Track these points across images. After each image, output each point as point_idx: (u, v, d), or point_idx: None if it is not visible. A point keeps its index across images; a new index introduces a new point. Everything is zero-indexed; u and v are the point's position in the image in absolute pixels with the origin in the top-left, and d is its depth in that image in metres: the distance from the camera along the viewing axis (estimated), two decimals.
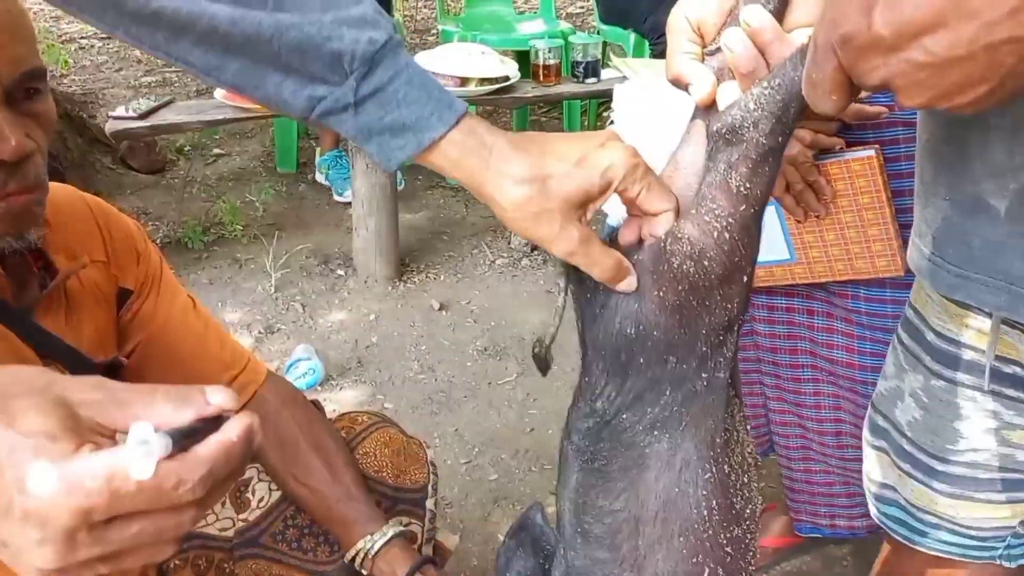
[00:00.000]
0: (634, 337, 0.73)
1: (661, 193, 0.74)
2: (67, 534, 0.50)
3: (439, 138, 0.73)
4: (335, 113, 0.73)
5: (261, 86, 0.73)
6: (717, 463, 0.76)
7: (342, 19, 0.71)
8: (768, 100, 0.69)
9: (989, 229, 0.77)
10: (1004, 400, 0.90)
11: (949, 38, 0.52)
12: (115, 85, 5.40)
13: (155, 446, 0.50)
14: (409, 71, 0.73)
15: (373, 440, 1.32)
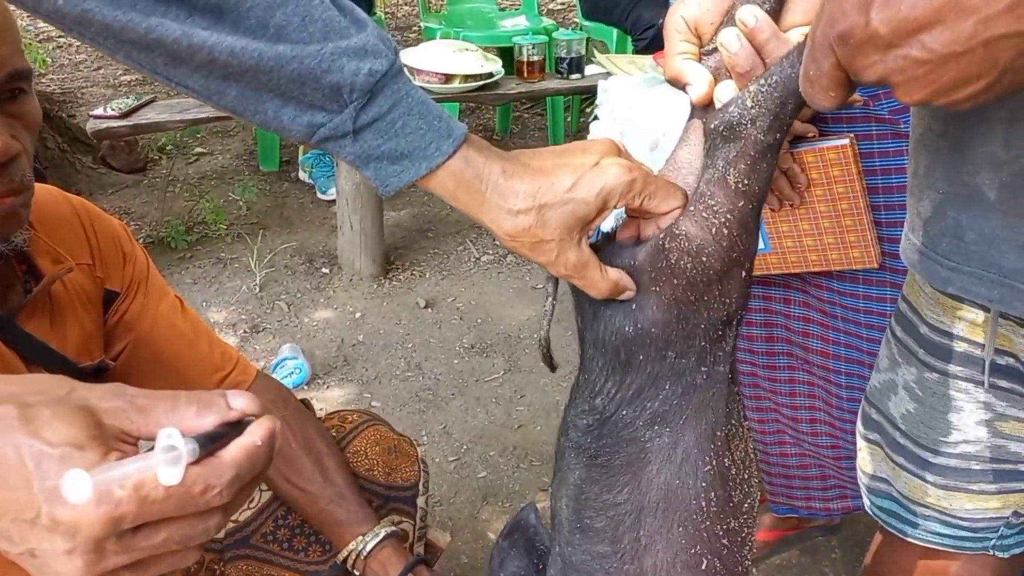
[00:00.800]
0: (633, 334, 0.73)
1: (667, 194, 0.74)
2: (96, 543, 0.50)
3: (436, 167, 0.73)
4: (334, 139, 0.73)
5: (260, 111, 0.73)
6: (718, 456, 0.76)
7: (342, 50, 0.70)
8: (766, 97, 0.69)
9: (983, 222, 0.77)
10: (997, 391, 0.91)
11: (947, 34, 0.52)
12: (94, 84, 5.36)
13: (183, 452, 0.50)
14: (409, 100, 0.73)
15: (363, 439, 1.32)
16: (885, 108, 1.30)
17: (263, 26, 0.69)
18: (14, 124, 0.91)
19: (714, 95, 0.75)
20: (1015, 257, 0.75)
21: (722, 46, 0.73)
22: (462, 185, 0.73)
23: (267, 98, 0.72)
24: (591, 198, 0.72)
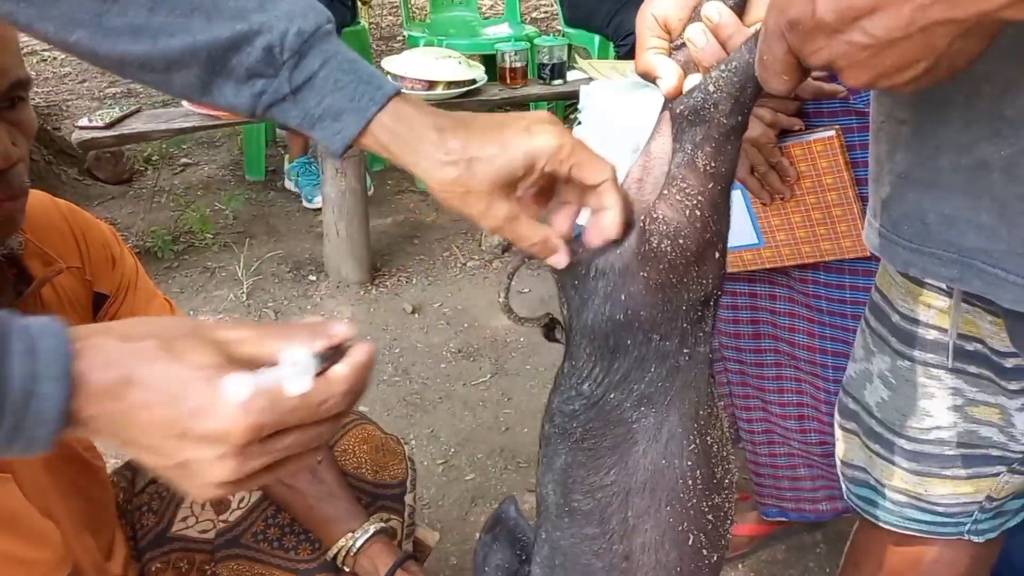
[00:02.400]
0: (623, 320, 0.76)
1: (594, 164, 0.77)
2: (240, 449, 0.58)
3: (371, 119, 0.77)
4: (277, 104, 0.78)
5: (208, 92, 0.78)
6: (701, 435, 0.79)
7: (272, 14, 0.75)
8: (726, 82, 0.73)
9: (943, 204, 0.80)
10: (967, 377, 0.93)
11: (886, 21, 0.55)
12: (79, 96, 5.35)
13: (308, 365, 0.59)
14: (338, 58, 0.78)
15: (351, 437, 1.33)
16: (863, 101, 1.33)
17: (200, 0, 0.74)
18: (13, 131, 0.93)
19: (683, 88, 0.78)
20: (974, 236, 0.78)
21: (689, 41, 0.77)
22: (396, 138, 0.77)
23: (209, 79, 0.77)
24: (519, 155, 0.75)
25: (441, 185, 0.77)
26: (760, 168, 1.37)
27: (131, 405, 0.57)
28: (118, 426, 0.58)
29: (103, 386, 0.57)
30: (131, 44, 0.75)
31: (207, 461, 0.58)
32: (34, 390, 0.55)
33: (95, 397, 0.57)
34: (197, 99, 0.79)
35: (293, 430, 0.60)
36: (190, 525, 1.26)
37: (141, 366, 0.58)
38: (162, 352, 0.58)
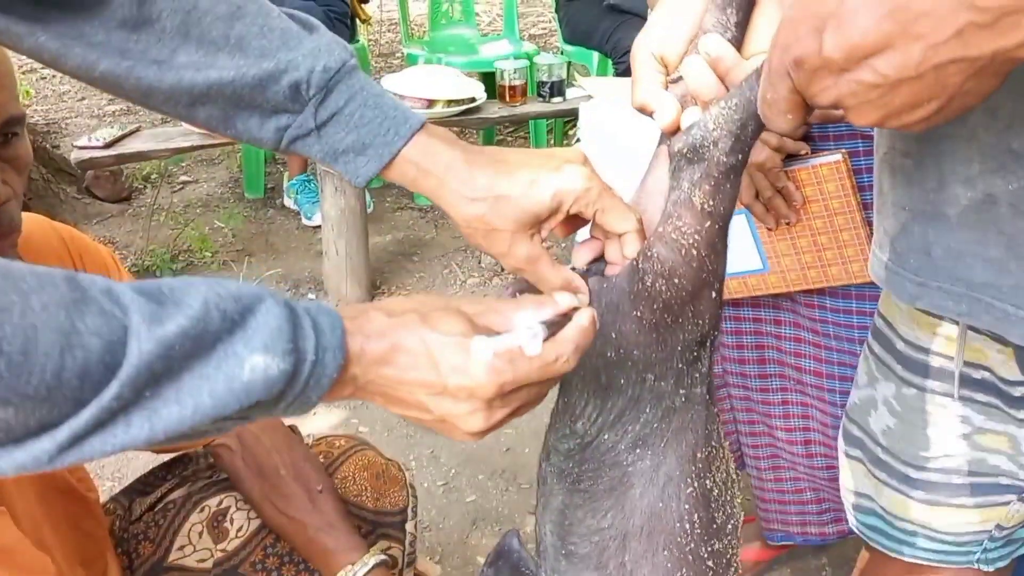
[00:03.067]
0: (615, 359, 0.74)
1: (620, 212, 0.77)
2: (488, 403, 0.67)
3: (397, 153, 0.78)
4: (301, 139, 0.79)
5: (231, 125, 0.79)
6: (699, 478, 0.77)
7: (298, 52, 0.77)
8: (726, 119, 0.71)
9: (949, 237, 0.78)
10: (974, 405, 0.92)
11: (897, 59, 0.54)
12: (78, 114, 5.35)
13: (539, 330, 0.67)
14: (364, 93, 0.79)
15: (351, 464, 1.32)
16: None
17: (225, 37, 0.76)
18: (5, 168, 0.92)
19: (681, 122, 0.77)
20: (982, 271, 0.77)
21: (687, 75, 0.75)
22: (421, 170, 0.79)
23: (235, 111, 0.78)
24: (546, 196, 0.76)
25: (466, 221, 0.77)
26: (765, 193, 1.36)
27: (401, 368, 0.66)
28: (390, 387, 0.67)
29: (378, 354, 0.66)
30: (157, 79, 0.75)
31: (462, 414, 0.67)
32: (318, 359, 0.62)
33: (372, 363, 0.66)
34: (220, 132, 0.80)
35: (528, 385, 0.68)
36: (187, 554, 1.25)
37: (406, 336, 0.66)
38: (421, 322, 0.67)
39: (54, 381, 0.52)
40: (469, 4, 4.95)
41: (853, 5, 0.54)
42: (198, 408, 0.57)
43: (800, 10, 0.58)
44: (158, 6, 0.75)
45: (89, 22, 0.74)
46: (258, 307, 0.61)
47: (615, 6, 4.00)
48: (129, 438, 0.56)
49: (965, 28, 0.51)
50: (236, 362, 0.58)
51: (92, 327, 0.53)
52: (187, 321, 0.57)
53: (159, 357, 0.55)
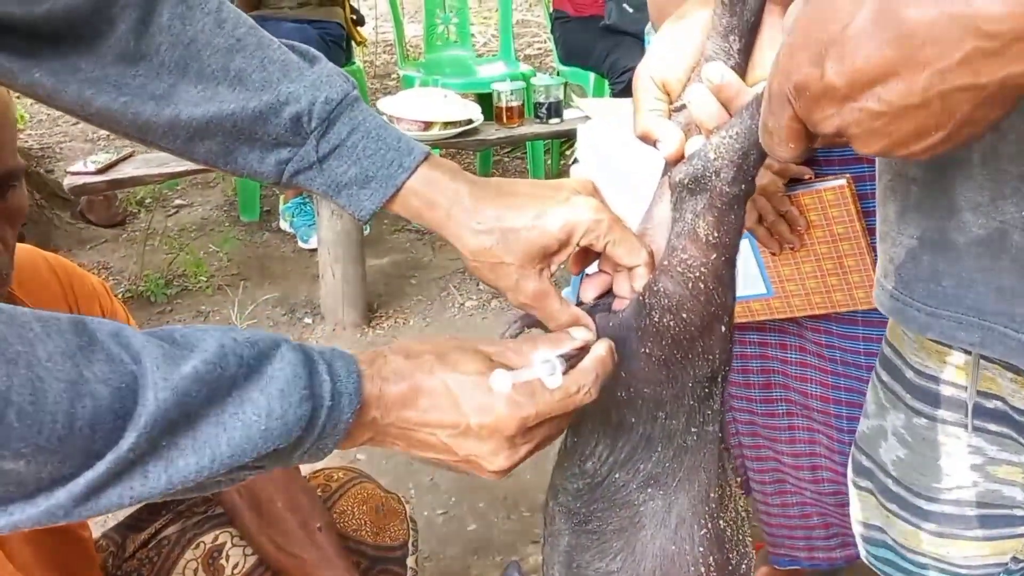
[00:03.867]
0: (624, 396, 0.72)
1: (630, 245, 0.75)
2: (511, 440, 0.67)
3: (402, 185, 0.77)
4: (303, 172, 0.77)
5: (231, 160, 0.77)
6: (713, 518, 0.75)
7: (299, 84, 0.75)
8: (727, 149, 0.69)
9: (959, 266, 0.77)
10: (987, 435, 0.90)
11: (902, 87, 0.52)
12: (72, 139, 5.35)
13: (557, 363, 0.67)
14: (366, 125, 0.77)
15: (350, 497, 1.30)
16: None
17: (224, 70, 0.75)
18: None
19: (685, 151, 0.75)
20: (994, 299, 0.75)
21: (690, 103, 0.73)
22: (427, 202, 0.77)
23: (235, 146, 0.76)
24: (555, 229, 0.74)
25: (473, 254, 0.76)
26: (769, 217, 1.34)
27: (422, 410, 0.66)
28: (411, 430, 0.67)
29: (397, 396, 0.66)
30: (155, 114, 0.74)
31: (486, 453, 0.67)
32: (335, 404, 0.62)
33: (392, 406, 0.66)
34: (220, 167, 0.78)
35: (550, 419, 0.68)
36: None
37: (425, 377, 0.66)
38: (439, 363, 0.67)
39: (66, 431, 0.51)
40: (465, 25, 4.96)
41: (855, 31, 0.53)
42: (216, 457, 0.56)
43: (801, 36, 0.56)
44: (156, 40, 0.74)
45: (85, 57, 0.73)
46: (274, 353, 0.60)
47: (611, 26, 4.02)
48: (146, 490, 0.55)
49: (972, 55, 0.49)
50: (253, 409, 0.57)
51: (100, 375, 0.53)
52: (203, 367, 0.56)
53: (175, 405, 0.54)
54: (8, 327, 0.51)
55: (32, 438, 0.50)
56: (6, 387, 0.49)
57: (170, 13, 0.74)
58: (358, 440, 0.66)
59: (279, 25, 3.61)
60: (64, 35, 0.72)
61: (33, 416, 0.49)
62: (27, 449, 0.50)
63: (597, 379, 0.69)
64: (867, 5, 0.52)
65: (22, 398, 0.49)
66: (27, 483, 0.52)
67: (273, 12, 3.85)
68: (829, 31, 0.54)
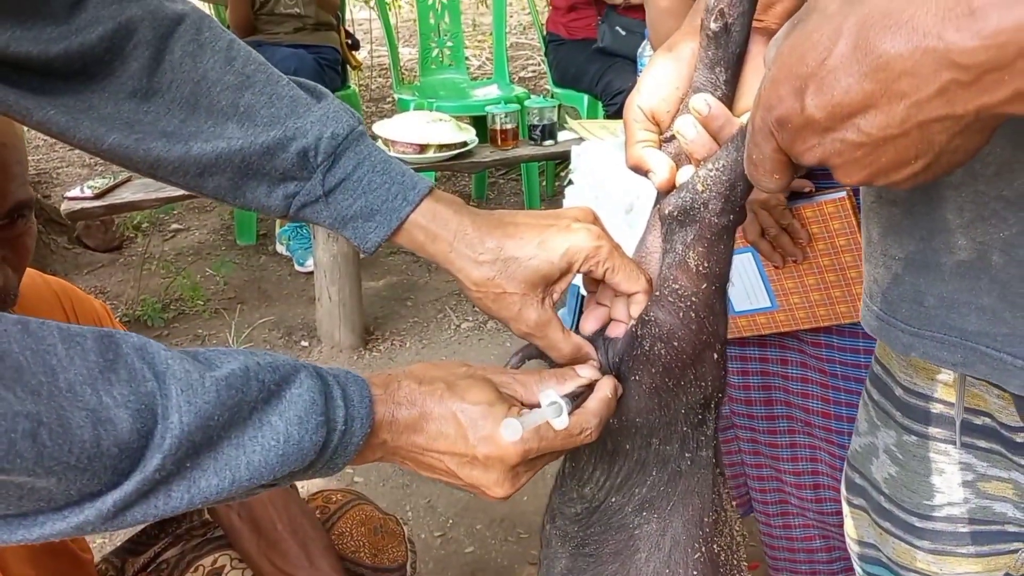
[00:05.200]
0: (618, 425, 0.74)
1: (629, 272, 0.77)
2: (514, 471, 0.70)
3: (406, 218, 0.78)
4: (310, 205, 0.79)
5: (240, 195, 0.79)
6: (706, 542, 0.76)
7: (306, 119, 0.77)
8: (715, 181, 0.71)
9: (941, 286, 0.78)
10: (976, 452, 0.91)
11: (880, 118, 0.53)
12: (69, 164, 5.36)
13: (564, 405, 0.70)
14: (372, 159, 0.79)
15: (349, 519, 1.30)
16: None
17: (234, 106, 0.77)
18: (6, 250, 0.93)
19: (676, 180, 0.76)
20: (976, 320, 0.76)
21: (679, 134, 0.75)
22: (430, 235, 0.79)
23: (242, 181, 0.78)
24: (556, 257, 0.76)
25: (476, 285, 0.77)
26: (771, 230, 1.35)
27: (430, 436, 0.69)
28: (419, 454, 0.70)
29: (407, 421, 0.69)
30: (166, 150, 0.76)
31: (488, 482, 0.70)
32: (347, 428, 0.64)
33: (402, 431, 0.69)
34: (229, 201, 0.80)
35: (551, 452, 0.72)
36: None
37: (434, 405, 0.69)
38: (449, 392, 0.70)
39: (94, 450, 0.53)
40: (459, 49, 4.99)
41: (834, 64, 0.54)
42: (236, 480, 0.59)
43: (781, 70, 0.58)
44: (167, 77, 0.76)
45: (98, 95, 0.75)
46: (294, 378, 0.62)
47: (604, 49, 4.05)
48: (169, 508, 0.57)
49: (948, 86, 0.51)
50: (272, 433, 0.60)
51: (120, 398, 0.55)
52: (225, 391, 0.58)
53: (199, 428, 0.56)
54: (33, 355, 0.53)
55: (63, 457, 0.52)
56: (36, 411, 0.51)
57: (181, 51, 0.76)
58: (368, 459, 0.69)
59: (275, 50, 3.64)
60: (78, 73, 0.74)
61: (63, 436, 0.52)
62: (58, 467, 0.52)
63: (600, 422, 0.72)
64: (844, 39, 0.53)
65: (51, 420, 0.51)
66: (57, 499, 0.54)
67: (269, 38, 3.89)
68: (808, 64, 0.55)
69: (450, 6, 4.85)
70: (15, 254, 0.94)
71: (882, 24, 0.52)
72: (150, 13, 0.75)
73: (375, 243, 0.79)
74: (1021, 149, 0.69)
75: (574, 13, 4.28)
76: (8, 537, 0.54)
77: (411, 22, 6.74)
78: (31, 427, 0.50)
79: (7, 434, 0.49)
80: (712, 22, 0.72)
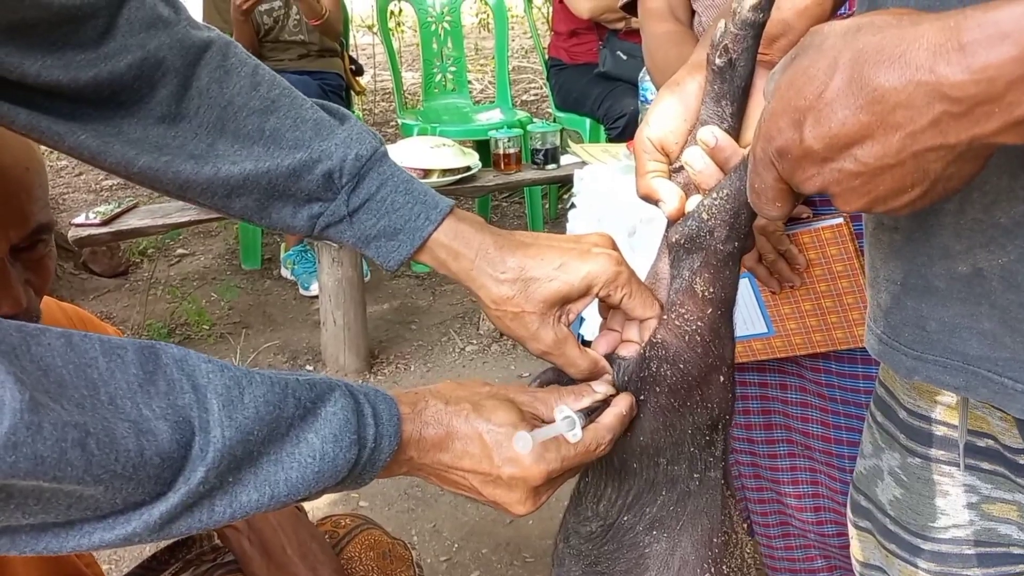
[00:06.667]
0: (624, 444, 0.75)
1: (644, 299, 0.79)
2: (536, 490, 0.72)
3: (428, 237, 0.80)
4: (334, 225, 0.82)
5: (266, 216, 0.82)
6: (715, 563, 0.77)
7: (331, 141, 0.79)
8: (719, 209, 0.74)
9: (942, 311, 0.79)
10: (980, 474, 0.92)
11: (877, 148, 0.55)
12: (76, 190, 5.40)
13: (577, 420, 0.72)
14: (395, 180, 0.81)
15: (357, 543, 1.31)
16: None
17: (260, 130, 0.79)
18: (29, 275, 0.94)
19: (686, 210, 0.79)
20: (977, 344, 0.77)
21: (687, 164, 0.78)
22: (452, 253, 0.81)
23: (268, 202, 0.81)
24: (576, 279, 0.78)
25: (496, 303, 0.79)
26: (768, 256, 1.36)
27: (456, 455, 0.71)
28: (443, 471, 0.72)
29: (434, 440, 0.71)
30: (194, 172, 0.78)
31: (511, 501, 0.73)
32: (376, 446, 0.66)
33: (428, 449, 0.71)
34: (256, 221, 0.83)
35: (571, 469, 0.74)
36: None
37: (460, 424, 0.71)
38: (474, 412, 0.72)
39: (138, 460, 0.55)
40: (462, 73, 5.03)
41: (830, 97, 0.56)
42: (275, 495, 0.61)
43: (780, 102, 0.60)
44: (195, 103, 0.78)
45: (127, 120, 0.77)
46: (329, 396, 0.65)
47: (605, 74, 4.09)
48: (212, 521, 0.59)
49: (941, 117, 0.53)
50: (308, 450, 0.62)
51: (159, 411, 0.57)
52: (264, 407, 0.60)
53: (239, 442, 0.58)
54: (76, 368, 0.55)
55: (111, 466, 0.54)
56: (83, 421, 0.53)
57: (208, 77, 0.78)
58: (395, 473, 0.71)
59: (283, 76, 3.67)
60: (107, 100, 0.76)
61: (109, 446, 0.53)
62: (106, 476, 0.53)
63: (613, 437, 0.74)
64: (840, 73, 0.56)
65: (97, 430, 0.53)
66: (103, 508, 0.55)
67: (274, 64, 3.92)
68: (806, 97, 0.57)
69: (453, 31, 4.89)
70: (37, 277, 0.96)
71: (876, 58, 0.54)
72: (178, 41, 0.78)
73: (398, 261, 0.81)
74: (1017, 178, 0.70)
75: (575, 38, 4.32)
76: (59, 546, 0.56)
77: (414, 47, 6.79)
78: (80, 436, 0.52)
79: (58, 443, 0.51)
80: (717, 57, 0.74)
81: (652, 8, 1.69)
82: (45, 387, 0.52)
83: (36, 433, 0.50)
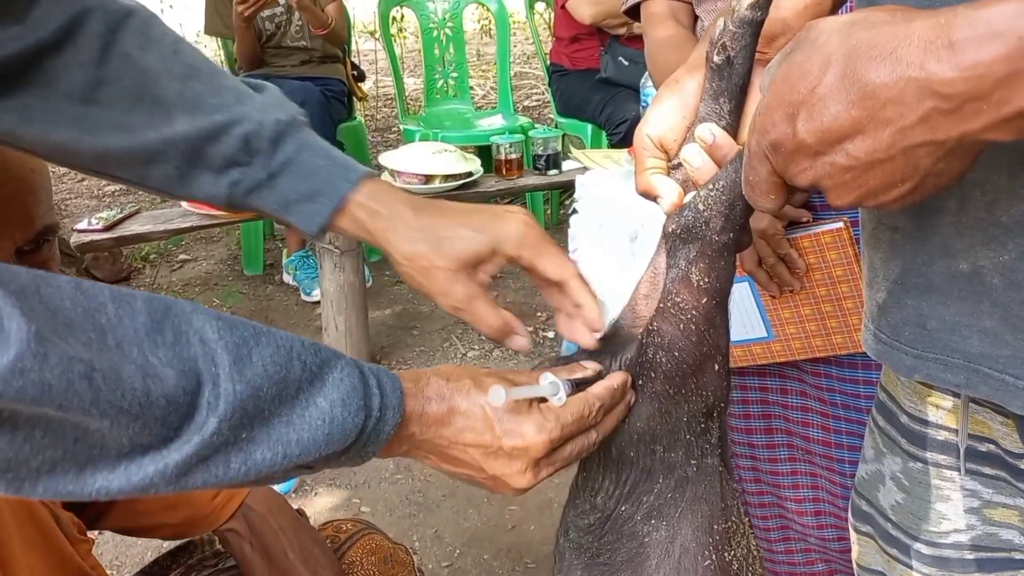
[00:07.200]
0: (619, 431, 0.77)
1: (556, 259, 0.82)
2: (537, 462, 0.73)
3: (347, 196, 0.82)
4: (255, 191, 0.83)
5: (186, 184, 0.82)
6: (718, 551, 0.78)
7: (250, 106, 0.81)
8: (715, 201, 0.74)
9: (943, 309, 0.79)
10: (981, 479, 0.92)
11: (867, 143, 0.56)
12: (78, 195, 5.41)
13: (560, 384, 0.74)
14: (314, 145, 0.83)
15: (359, 548, 1.31)
16: None
17: (179, 95, 0.80)
18: None
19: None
20: (978, 342, 0.77)
21: (685, 161, 0.79)
22: (370, 212, 0.83)
23: (187, 170, 0.81)
24: (485, 237, 0.81)
25: (408, 258, 0.81)
26: (768, 260, 1.37)
27: (457, 429, 0.72)
28: (445, 446, 0.73)
29: (436, 415, 0.72)
30: (113, 141, 0.78)
31: (512, 474, 0.73)
32: (381, 417, 0.67)
33: (430, 424, 0.71)
34: (176, 192, 0.83)
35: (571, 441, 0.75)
36: None
37: (462, 400, 0.72)
38: (476, 388, 0.73)
39: (144, 398, 0.55)
40: (464, 79, 5.05)
41: (823, 92, 0.57)
42: (287, 455, 0.62)
43: (774, 97, 0.61)
44: (115, 67, 0.79)
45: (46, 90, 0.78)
46: (334, 362, 0.66)
47: (607, 79, 4.09)
48: (228, 477, 0.60)
49: (930, 114, 0.53)
50: (318, 413, 0.63)
51: (165, 359, 0.57)
52: (271, 366, 0.61)
53: (250, 397, 0.59)
54: (84, 312, 0.55)
55: (116, 400, 0.54)
56: (89, 358, 0.53)
57: (130, 43, 0.79)
58: (394, 451, 0.71)
59: (283, 83, 3.68)
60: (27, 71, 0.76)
61: (115, 383, 0.54)
62: (112, 410, 0.54)
63: (603, 406, 0.75)
64: (833, 68, 0.56)
65: (103, 367, 0.54)
66: (109, 446, 0.56)
67: (276, 71, 3.94)
68: (800, 92, 0.58)
69: (455, 37, 4.91)
70: None
71: (868, 55, 0.55)
72: (100, 6, 0.79)
73: (319, 224, 0.82)
74: (1018, 176, 0.70)
75: (577, 44, 4.33)
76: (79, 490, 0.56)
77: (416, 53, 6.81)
78: (86, 370, 0.53)
79: (65, 374, 0.51)
80: (715, 55, 0.75)
81: (654, 13, 1.70)
82: (52, 327, 0.53)
83: (43, 362, 0.51)
